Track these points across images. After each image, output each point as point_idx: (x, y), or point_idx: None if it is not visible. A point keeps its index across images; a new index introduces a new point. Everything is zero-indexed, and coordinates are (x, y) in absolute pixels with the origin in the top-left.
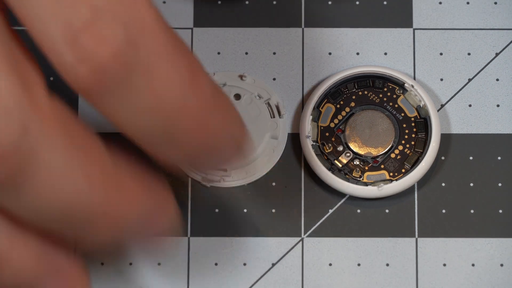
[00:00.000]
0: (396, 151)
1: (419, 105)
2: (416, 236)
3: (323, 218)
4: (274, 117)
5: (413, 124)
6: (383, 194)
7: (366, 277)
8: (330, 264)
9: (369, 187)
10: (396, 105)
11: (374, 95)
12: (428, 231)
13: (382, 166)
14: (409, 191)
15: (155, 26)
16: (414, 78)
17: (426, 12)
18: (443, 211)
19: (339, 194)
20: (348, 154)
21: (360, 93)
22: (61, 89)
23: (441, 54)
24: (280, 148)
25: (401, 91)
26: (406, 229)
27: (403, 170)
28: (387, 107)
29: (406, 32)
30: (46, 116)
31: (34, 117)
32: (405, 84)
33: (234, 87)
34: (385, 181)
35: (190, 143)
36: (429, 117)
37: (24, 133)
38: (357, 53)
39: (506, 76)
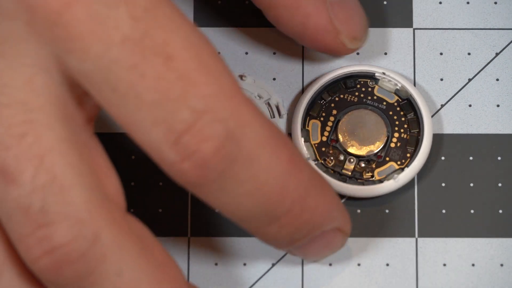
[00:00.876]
0: (394, 140)
1: (397, 89)
2: (416, 236)
3: None
4: (274, 117)
5: (398, 109)
6: (401, 184)
7: (366, 277)
8: (330, 264)
9: (385, 183)
10: (375, 97)
11: (350, 96)
12: (428, 231)
13: (388, 159)
14: (409, 191)
15: (253, 118)
16: (414, 78)
17: (426, 12)
18: (443, 211)
19: (338, 195)
20: (352, 160)
21: (337, 98)
22: None
23: (441, 54)
24: None
25: (374, 82)
26: (406, 229)
27: (408, 155)
28: (368, 102)
29: (406, 32)
30: (120, 229)
31: (108, 228)
32: (376, 74)
33: None
34: (396, 171)
35: (292, 223)
36: (411, 96)
37: (94, 241)
38: (357, 53)
39: (506, 76)
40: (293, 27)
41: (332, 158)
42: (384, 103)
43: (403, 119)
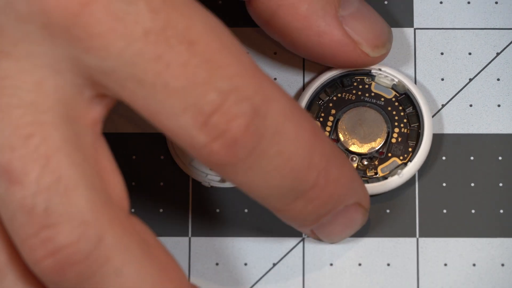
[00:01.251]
0: (395, 135)
1: (394, 84)
2: (417, 236)
3: None
4: None
5: (396, 104)
6: (405, 179)
7: (367, 277)
8: (331, 264)
9: (390, 179)
10: (373, 94)
11: (348, 94)
12: (429, 231)
13: (390, 154)
14: (410, 190)
15: (276, 93)
16: (415, 78)
17: (427, 12)
18: (444, 211)
19: None
20: (354, 158)
21: (334, 98)
22: None
23: (442, 53)
24: None
25: (371, 79)
26: (407, 229)
27: (410, 149)
28: (366, 99)
29: (407, 31)
30: (124, 230)
31: (112, 230)
32: (372, 71)
33: None
34: (400, 166)
35: (318, 197)
36: (408, 90)
37: (98, 243)
38: None
39: (507, 76)
40: (311, 49)
41: None
42: (382, 99)
43: (402, 113)
